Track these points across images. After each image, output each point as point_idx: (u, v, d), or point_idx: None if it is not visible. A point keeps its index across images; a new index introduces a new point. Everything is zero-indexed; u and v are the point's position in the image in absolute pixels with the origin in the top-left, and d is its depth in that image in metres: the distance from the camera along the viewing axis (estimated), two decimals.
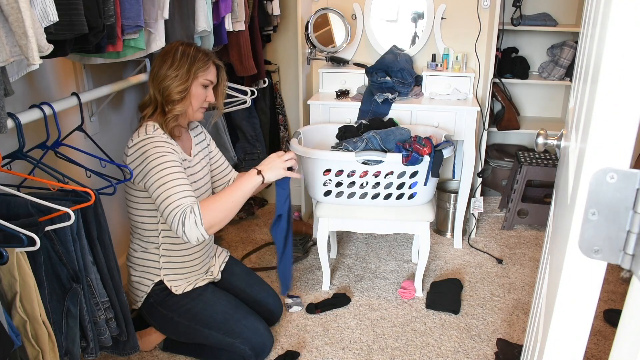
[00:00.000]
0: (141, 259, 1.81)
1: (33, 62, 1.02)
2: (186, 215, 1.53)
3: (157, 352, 1.95)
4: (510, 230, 2.94)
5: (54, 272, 1.29)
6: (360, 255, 2.66)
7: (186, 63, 1.67)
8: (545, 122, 3.15)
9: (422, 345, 1.98)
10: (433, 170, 2.05)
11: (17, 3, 0.97)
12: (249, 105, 2.45)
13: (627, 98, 0.54)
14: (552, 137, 1.16)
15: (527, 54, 3.12)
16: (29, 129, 1.49)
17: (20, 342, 1.13)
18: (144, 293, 1.81)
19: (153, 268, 1.80)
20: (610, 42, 0.54)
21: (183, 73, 1.66)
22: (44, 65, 1.74)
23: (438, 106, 2.53)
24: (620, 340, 0.57)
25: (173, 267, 1.81)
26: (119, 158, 2.05)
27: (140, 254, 1.81)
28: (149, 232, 1.77)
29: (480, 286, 2.37)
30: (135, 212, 1.75)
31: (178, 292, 1.81)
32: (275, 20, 2.79)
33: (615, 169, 0.55)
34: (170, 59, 1.67)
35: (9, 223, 1.11)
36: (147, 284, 1.80)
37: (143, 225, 1.76)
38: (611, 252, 0.57)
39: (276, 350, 1.95)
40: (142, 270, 1.81)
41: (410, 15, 2.87)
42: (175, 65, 1.66)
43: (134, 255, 1.82)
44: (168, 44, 1.73)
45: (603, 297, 2.27)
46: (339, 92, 2.68)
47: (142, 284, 1.81)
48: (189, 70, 1.67)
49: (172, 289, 1.80)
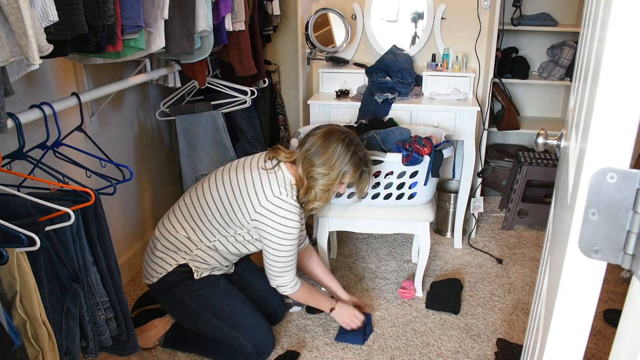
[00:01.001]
0: (178, 241, 1.83)
1: (33, 62, 1.02)
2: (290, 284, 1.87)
3: (157, 351, 1.95)
4: (510, 230, 2.94)
5: (54, 272, 1.29)
6: (360, 255, 2.66)
7: (338, 167, 1.77)
8: (545, 122, 3.15)
9: (422, 345, 1.98)
10: (433, 170, 2.05)
11: (17, 3, 0.97)
12: (249, 105, 2.45)
13: (627, 98, 0.54)
14: (552, 137, 1.16)
15: (527, 54, 3.11)
16: (29, 129, 1.49)
17: (20, 342, 1.13)
18: (165, 270, 1.81)
19: (184, 252, 1.83)
20: (610, 42, 0.54)
21: (333, 176, 1.78)
22: (44, 65, 1.75)
23: (438, 106, 2.53)
24: (620, 340, 0.57)
25: (204, 258, 1.84)
26: (118, 158, 2.05)
27: (182, 237, 1.83)
28: (210, 233, 1.83)
29: (480, 286, 2.37)
30: (217, 217, 1.80)
31: (196, 277, 1.83)
32: (275, 20, 2.79)
33: (615, 169, 0.55)
34: (325, 154, 1.75)
35: (9, 223, 1.11)
36: (170, 263, 1.82)
37: (213, 227, 1.82)
38: (611, 252, 0.57)
39: (276, 350, 1.95)
40: (172, 249, 1.83)
41: (410, 15, 2.87)
42: (328, 165, 1.76)
43: (173, 234, 1.83)
44: (328, 128, 1.81)
45: (603, 297, 2.27)
46: (339, 92, 2.68)
47: (166, 261, 1.82)
48: (338, 175, 1.78)
49: (195, 273, 1.82)
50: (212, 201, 1.81)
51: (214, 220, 1.82)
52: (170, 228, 1.85)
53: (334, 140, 1.77)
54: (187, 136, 2.40)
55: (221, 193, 1.81)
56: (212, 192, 1.83)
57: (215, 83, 2.42)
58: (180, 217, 1.86)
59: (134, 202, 2.44)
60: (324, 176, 1.77)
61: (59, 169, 1.45)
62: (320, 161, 1.76)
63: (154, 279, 1.83)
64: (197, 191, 1.87)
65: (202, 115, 2.37)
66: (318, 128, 1.84)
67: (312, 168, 1.77)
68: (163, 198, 2.72)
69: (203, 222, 1.83)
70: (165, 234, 1.85)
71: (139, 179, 2.49)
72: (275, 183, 1.76)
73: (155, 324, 1.95)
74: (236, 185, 1.79)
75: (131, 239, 2.43)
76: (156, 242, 1.86)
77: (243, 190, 1.78)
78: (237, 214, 1.79)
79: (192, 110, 2.38)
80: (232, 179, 1.81)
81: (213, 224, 1.82)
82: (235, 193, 1.78)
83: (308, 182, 1.78)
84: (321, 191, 1.80)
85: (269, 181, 1.76)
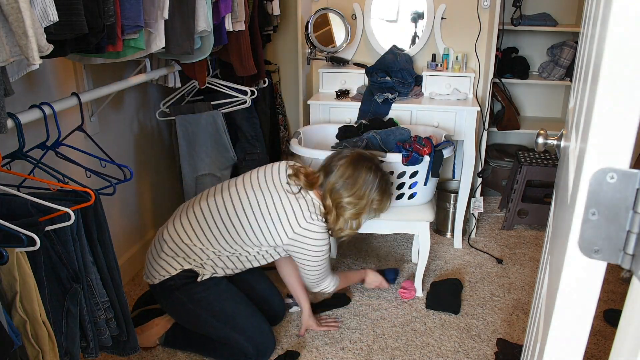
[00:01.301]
0: (189, 249, 1.81)
1: (33, 62, 1.02)
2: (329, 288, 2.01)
3: (157, 351, 1.95)
4: (510, 230, 2.94)
5: (54, 272, 1.29)
6: (360, 255, 2.66)
7: (368, 196, 1.80)
8: (545, 122, 3.15)
9: (422, 345, 1.98)
10: (433, 170, 2.05)
11: (17, 3, 0.97)
12: (249, 105, 2.45)
13: (627, 98, 0.54)
14: (552, 137, 1.16)
15: (527, 54, 3.11)
16: (29, 129, 1.49)
17: (20, 342, 1.13)
18: (168, 274, 1.79)
19: (193, 260, 1.80)
20: (610, 42, 0.54)
21: (362, 204, 1.80)
22: (44, 65, 1.74)
23: (438, 106, 2.53)
24: (620, 340, 0.57)
25: (212, 267, 1.83)
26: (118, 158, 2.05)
27: (196, 248, 1.81)
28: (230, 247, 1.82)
29: (480, 286, 2.37)
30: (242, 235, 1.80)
31: (199, 280, 1.82)
32: (275, 20, 2.79)
33: (615, 169, 0.55)
34: (355, 186, 1.77)
35: (9, 223, 1.11)
36: (176, 268, 1.79)
37: (236, 244, 1.81)
38: (611, 252, 0.57)
39: (276, 350, 1.95)
40: (180, 255, 1.80)
41: (410, 15, 2.87)
42: (358, 195, 1.78)
43: (186, 242, 1.81)
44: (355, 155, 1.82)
45: (603, 297, 2.27)
46: (339, 92, 2.68)
47: (172, 265, 1.80)
48: (367, 203, 1.81)
49: (198, 278, 1.81)
50: (237, 219, 1.79)
51: (238, 238, 1.80)
52: (183, 234, 1.82)
53: (363, 170, 1.78)
54: (187, 136, 2.40)
55: (248, 212, 1.79)
56: (236, 208, 1.80)
57: (215, 83, 2.42)
58: (195, 226, 1.82)
59: (134, 202, 2.44)
60: (354, 206, 1.80)
61: (59, 169, 1.45)
62: (349, 192, 1.78)
63: (155, 280, 1.82)
64: (216, 202, 1.83)
65: (202, 115, 2.37)
66: (342, 155, 1.83)
67: (341, 199, 1.79)
68: (163, 198, 2.72)
69: (224, 236, 1.80)
70: (176, 239, 1.82)
71: (139, 179, 2.49)
72: (306, 209, 1.78)
73: (156, 322, 1.94)
74: (265, 208, 1.79)
75: (131, 239, 2.43)
76: (163, 244, 1.83)
77: (274, 216, 1.78)
78: (267, 237, 1.79)
79: (192, 110, 2.38)
80: (259, 199, 1.80)
81: (236, 241, 1.81)
82: (265, 217, 1.78)
83: (337, 211, 1.80)
84: (350, 219, 1.84)
85: (300, 207, 1.78)
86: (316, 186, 1.82)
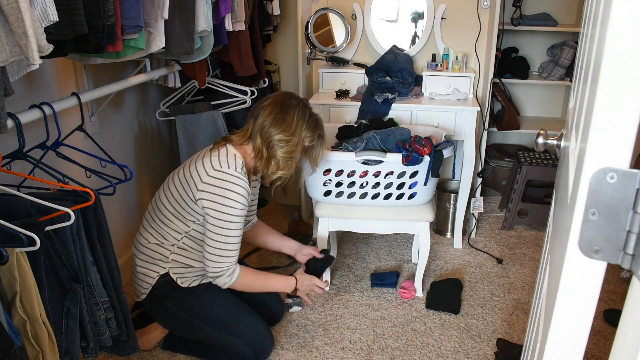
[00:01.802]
0: (152, 250, 1.81)
1: (33, 62, 1.02)
2: (227, 272, 1.74)
3: (157, 352, 1.95)
4: (510, 230, 2.94)
5: (54, 272, 1.29)
6: (360, 255, 2.66)
7: (299, 132, 1.74)
8: (545, 122, 3.15)
9: (422, 345, 1.98)
10: (433, 170, 2.05)
11: (17, 3, 0.97)
12: (249, 105, 2.45)
13: (627, 98, 0.54)
14: (552, 137, 1.16)
15: (527, 54, 3.11)
16: (29, 129, 1.49)
17: (20, 342, 1.13)
18: (149, 285, 1.80)
19: (160, 261, 1.81)
20: (610, 42, 0.54)
21: (294, 142, 1.75)
22: (44, 65, 1.74)
23: (438, 106, 2.53)
24: (620, 340, 0.57)
25: (182, 261, 1.82)
26: (118, 158, 2.05)
27: (154, 245, 1.81)
28: (174, 231, 1.79)
29: (480, 286, 2.37)
30: (172, 211, 1.77)
31: (184, 285, 1.81)
32: (275, 20, 2.79)
33: (615, 169, 0.55)
34: (285, 122, 1.72)
35: (9, 223, 1.11)
36: (152, 276, 1.80)
37: (173, 224, 1.78)
38: (611, 252, 0.57)
39: (279, 345, 1.95)
40: (149, 261, 1.81)
41: (410, 15, 2.87)
42: (289, 132, 1.73)
43: (146, 245, 1.82)
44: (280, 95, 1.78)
45: (603, 297, 2.27)
46: (339, 92, 2.68)
47: (148, 275, 1.81)
48: (299, 140, 1.75)
49: (178, 281, 1.80)
50: (165, 197, 1.79)
51: (170, 215, 1.77)
52: (142, 240, 1.84)
53: (290, 107, 1.74)
54: (187, 136, 2.40)
55: (171, 187, 1.78)
56: (164, 190, 1.81)
57: (215, 83, 2.42)
58: (147, 226, 1.84)
59: (134, 202, 2.44)
60: (286, 143, 1.73)
61: (59, 169, 1.45)
62: (279, 129, 1.72)
63: (142, 295, 1.83)
64: (155, 197, 1.87)
65: (202, 115, 2.37)
66: (267, 97, 1.79)
67: (272, 138, 1.72)
68: None
69: (163, 221, 1.79)
70: (140, 247, 1.84)
71: (139, 179, 2.49)
72: (216, 159, 1.71)
73: (155, 327, 1.94)
74: (182, 175, 1.76)
75: (131, 239, 2.43)
76: (134, 258, 1.86)
77: (187, 175, 1.74)
78: (185, 198, 1.74)
79: (192, 110, 2.38)
80: (179, 172, 1.80)
81: (172, 220, 1.78)
82: (181, 180, 1.75)
83: (268, 152, 1.74)
84: (283, 159, 1.76)
85: (210, 159, 1.72)
86: (245, 137, 1.77)
